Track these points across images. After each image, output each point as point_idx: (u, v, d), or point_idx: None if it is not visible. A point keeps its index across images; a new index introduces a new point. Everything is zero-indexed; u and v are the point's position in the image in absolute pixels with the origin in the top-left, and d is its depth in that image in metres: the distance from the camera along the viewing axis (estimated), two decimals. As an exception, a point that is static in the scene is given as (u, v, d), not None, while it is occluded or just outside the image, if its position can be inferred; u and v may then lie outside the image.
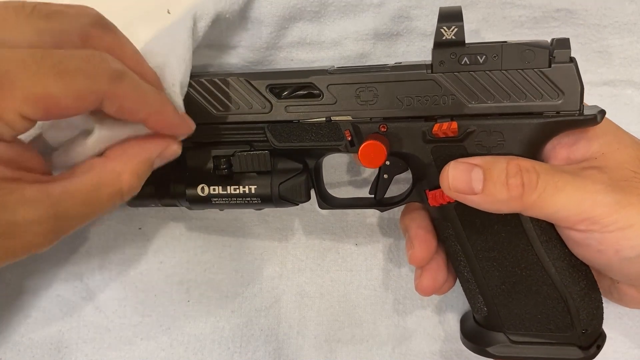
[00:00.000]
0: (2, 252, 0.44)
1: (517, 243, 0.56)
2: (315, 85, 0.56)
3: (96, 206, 0.47)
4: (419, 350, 0.71)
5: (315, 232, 0.72)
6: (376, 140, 0.54)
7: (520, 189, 0.51)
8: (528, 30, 0.66)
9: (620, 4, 0.65)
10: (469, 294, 0.61)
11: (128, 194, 0.49)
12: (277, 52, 0.67)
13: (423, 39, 0.67)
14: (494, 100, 0.53)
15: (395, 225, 0.71)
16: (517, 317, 0.58)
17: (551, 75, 0.52)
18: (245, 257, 0.72)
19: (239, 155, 0.59)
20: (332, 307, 0.72)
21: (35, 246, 0.45)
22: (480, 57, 0.52)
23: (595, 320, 0.57)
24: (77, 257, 0.72)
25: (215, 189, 0.60)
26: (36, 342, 0.72)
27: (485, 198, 0.52)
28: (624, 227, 0.49)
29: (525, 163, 0.52)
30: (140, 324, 0.72)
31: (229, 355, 0.72)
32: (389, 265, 0.71)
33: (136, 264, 0.72)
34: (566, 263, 0.56)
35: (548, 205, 0.51)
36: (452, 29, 0.52)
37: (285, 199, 0.60)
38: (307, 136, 0.58)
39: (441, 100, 0.54)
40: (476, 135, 0.54)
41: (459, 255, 0.59)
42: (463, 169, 0.53)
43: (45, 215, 0.43)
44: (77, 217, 0.46)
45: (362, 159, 0.55)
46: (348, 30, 0.66)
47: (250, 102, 0.58)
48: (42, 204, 0.43)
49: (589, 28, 0.66)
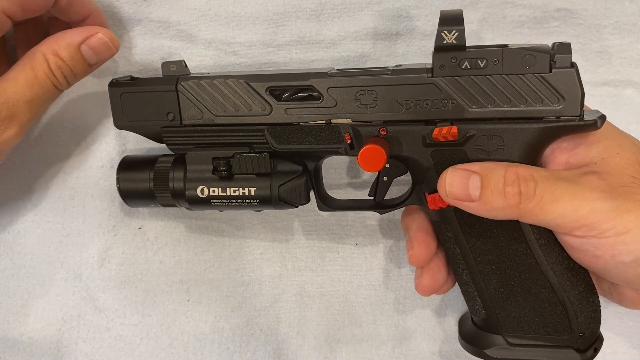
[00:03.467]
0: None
1: (515, 247, 0.56)
2: (315, 88, 0.56)
3: (36, 85, 0.56)
4: (419, 350, 0.71)
5: (315, 232, 0.72)
6: (376, 143, 0.54)
7: (518, 197, 0.51)
8: (528, 30, 0.66)
9: (620, 4, 0.65)
10: (467, 297, 0.61)
11: (59, 75, 0.57)
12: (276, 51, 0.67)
13: (423, 38, 0.67)
14: (495, 104, 0.53)
15: (395, 226, 0.71)
16: (515, 320, 0.58)
17: (552, 80, 0.52)
18: (245, 257, 0.72)
19: (238, 157, 0.59)
20: (332, 307, 0.72)
21: (6, 139, 0.56)
22: (481, 62, 0.52)
23: (593, 323, 0.57)
24: (77, 257, 0.72)
25: (214, 191, 0.60)
26: (36, 342, 0.72)
27: (482, 205, 0.52)
28: (621, 233, 0.49)
29: (523, 171, 0.52)
30: (140, 324, 0.73)
31: (229, 355, 0.72)
32: (389, 265, 0.71)
33: (136, 264, 0.72)
34: (564, 266, 0.56)
35: (545, 213, 0.51)
36: (453, 33, 0.51)
37: (284, 201, 0.60)
38: (306, 139, 0.58)
39: (441, 104, 0.54)
40: (476, 139, 0.54)
41: (457, 258, 0.59)
42: (461, 176, 0.53)
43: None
44: (26, 101, 0.56)
45: (362, 163, 0.55)
46: (347, 30, 0.66)
47: (250, 104, 0.58)
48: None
49: (589, 28, 0.66)
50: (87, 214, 0.72)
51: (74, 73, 0.58)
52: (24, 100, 0.56)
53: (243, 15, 0.66)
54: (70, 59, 0.57)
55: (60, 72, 0.57)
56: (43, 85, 0.57)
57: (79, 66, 0.58)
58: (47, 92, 0.57)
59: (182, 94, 0.58)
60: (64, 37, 0.58)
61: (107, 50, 0.59)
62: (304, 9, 0.66)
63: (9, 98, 0.55)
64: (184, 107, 0.59)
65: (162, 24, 0.67)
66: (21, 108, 0.56)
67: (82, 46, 0.58)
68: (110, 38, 0.59)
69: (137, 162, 0.64)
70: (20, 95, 0.56)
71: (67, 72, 0.58)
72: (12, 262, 0.73)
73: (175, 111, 0.59)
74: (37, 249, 0.73)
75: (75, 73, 0.58)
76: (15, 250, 0.73)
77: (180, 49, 0.68)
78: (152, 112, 0.59)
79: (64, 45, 0.57)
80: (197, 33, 0.67)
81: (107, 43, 0.59)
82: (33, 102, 0.57)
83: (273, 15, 0.66)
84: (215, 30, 0.67)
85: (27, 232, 0.72)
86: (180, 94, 0.58)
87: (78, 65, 0.58)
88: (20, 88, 0.56)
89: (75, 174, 0.72)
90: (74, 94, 0.70)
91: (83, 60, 0.58)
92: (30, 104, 0.57)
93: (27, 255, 0.73)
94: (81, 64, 0.58)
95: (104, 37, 0.58)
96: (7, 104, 0.55)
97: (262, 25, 0.66)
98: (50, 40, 0.58)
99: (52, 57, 0.56)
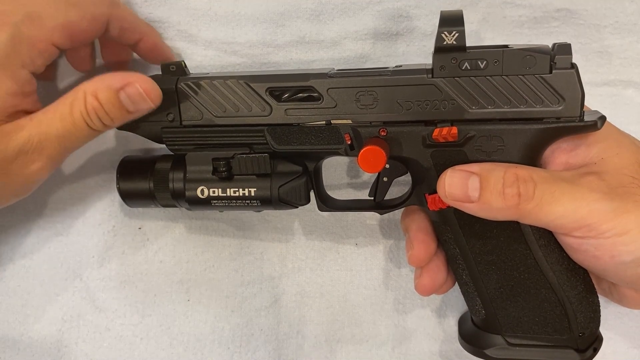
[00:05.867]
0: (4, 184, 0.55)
1: (515, 247, 0.56)
2: (315, 88, 0.56)
3: (69, 121, 0.55)
4: (419, 350, 0.71)
5: (315, 232, 0.72)
6: (376, 144, 0.54)
7: (517, 198, 0.51)
8: (528, 30, 0.66)
9: (620, 4, 0.65)
10: (467, 297, 0.61)
11: (93, 116, 0.55)
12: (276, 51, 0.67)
13: (423, 38, 0.67)
14: (495, 105, 0.53)
15: (395, 226, 0.71)
16: (515, 320, 0.58)
17: (552, 81, 0.52)
18: (245, 257, 0.73)
19: (238, 158, 0.59)
20: (332, 307, 0.72)
21: (32, 172, 0.56)
22: (481, 63, 0.52)
23: (593, 323, 0.58)
24: (77, 257, 0.72)
25: (214, 191, 0.60)
26: (36, 341, 0.73)
27: (481, 206, 0.52)
28: (620, 234, 0.49)
29: (522, 172, 0.52)
30: (140, 324, 0.73)
31: (229, 355, 0.72)
32: (389, 265, 0.71)
33: (136, 264, 0.73)
34: (564, 267, 0.56)
35: (544, 214, 0.51)
36: (453, 34, 0.51)
37: (284, 202, 0.60)
38: (306, 139, 0.58)
39: (441, 105, 0.54)
40: (476, 140, 0.54)
41: (457, 259, 0.59)
42: (460, 177, 0.53)
43: (28, 135, 0.54)
44: (58, 135, 0.55)
45: (362, 164, 0.55)
46: (347, 30, 0.66)
47: (250, 104, 0.58)
48: (27, 126, 0.54)
49: (589, 28, 0.66)
50: (87, 214, 0.72)
51: (110, 117, 0.56)
52: (55, 135, 0.55)
53: (243, 15, 0.66)
54: (107, 102, 0.55)
55: (95, 113, 0.55)
56: (76, 123, 0.55)
57: (116, 111, 0.56)
58: (80, 130, 0.56)
59: (181, 94, 0.58)
60: (106, 79, 0.56)
61: (143, 101, 0.57)
62: (304, 9, 0.66)
63: (41, 129, 0.54)
64: (183, 107, 0.59)
65: (162, 24, 0.67)
66: (51, 141, 0.55)
67: (120, 92, 0.56)
68: (147, 90, 0.56)
69: (137, 163, 0.64)
70: (52, 129, 0.55)
71: (102, 114, 0.56)
72: (12, 262, 0.73)
73: (175, 112, 0.59)
74: (37, 248, 0.73)
75: (111, 117, 0.56)
76: (15, 250, 0.73)
77: (180, 49, 0.68)
78: (152, 113, 0.59)
79: (103, 88, 0.56)
80: (197, 33, 0.67)
81: (142, 95, 0.56)
82: (64, 138, 0.55)
83: (273, 15, 0.66)
84: (215, 30, 0.67)
85: (27, 232, 0.73)
86: (180, 95, 0.58)
87: (114, 109, 0.56)
88: (54, 121, 0.55)
89: (75, 174, 0.72)
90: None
91: (120, 106, 0.56)
92: (61, 139, 0.55)
93: (27, 255, 0.73)
94: (118, 109, 0.56)
95: (140, 89, 0.56)
96: (39, 135, 0.54)
97: (262, 25, 0.66)
98: (95, 79, 0.57)
99: (90, 97, 0.55)
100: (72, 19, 0.56)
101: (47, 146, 0.55)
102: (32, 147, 0.54)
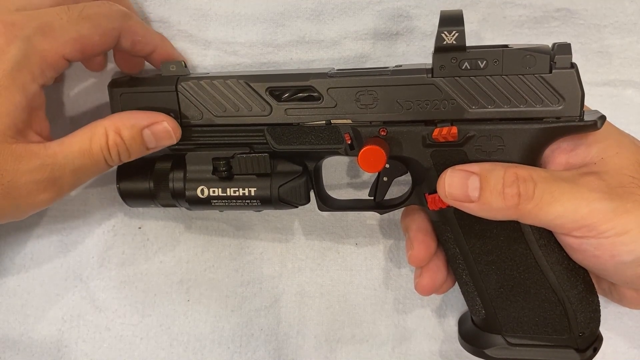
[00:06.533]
0: (7, 206, 0.53)
1: (515, 247, 0.56)
2: (315, 88, 0.56)
3: (88, 158, 0.55)
4: (419, 350, 0.71)
5: (315, 232, 0.72)
6: (376, 144, 0.54)
7: (517, 198, 0.51)
8: (528, 30, 0.66)
9: (620, 4, 0.65)
10: (467, 297, 0.61)
11: (113, 152, 0.56)
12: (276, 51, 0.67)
13: (423, 38, 0.66)
14: (495, 105, 0.53)
15: (395, 226, 0.71)
16: (515, 320, 0.59)
17: (552, 80, 0.52)
18: (245, 257, 0.72)
19: (238, 158, 0.59)
20: (332, 307, 0.72)
21: (39, 200, 0.54)
22: (481, 62, 0.52)
23: (593, 323, 0.58)
24: (77, 257, 0.72)
25: (214, 191, 0.60)
26: (36, 341, 0.73)
27: (481, 206, 0.52)
28: (620, 234, 0.50)
29: (522, 172, 0.52)
30: (140, 324, 0.73)
31: (229, 355, 0.72)
32: (389, 265, 0.71)
33: (136, 264, 0.73)
34: (564, 267, 0.56)
35: (544, 213, 0.51)
36: (453, 33, 0.51)
37: (284, 202, 0.60)
38: (306, 139, 0.58)
39: (441, 104, 0.54)
40: (476, 140, 0.54)
41: (457, 258, 0.59)
42: (460, 177, 0.53)
43: (41, 164, 0.53)
44: (73, 169, 0.55)
45: (362, 164, 0.55)
46: (347, 30, 0.66)
47: (250, 104, 0.58)
48: (40, 154, 0.53)
49: (589, 28, 0.65)
50: (87, 214, 0.72)
51: (129, 153, 0.57)
52: (71, 168, 0.55)
53: (243, 15, 0.66)
54: (130, 139, 0.56)
55: (117, 149, 0.56)
56: (95, 158, 0.55)
57: (136, 147, 0.57)
58: (95, 165, 0.56)
59: (181, 94, 0.58)
60: (130, 117, 0.57)
61: (168, 139, 0.58)
62: (304, 9, 0.66)
63: (57, 162, 0.54)
64: (183, 107, 0.59)
65: (162, 24, 0.67)
66: (66, 175, 0.54)
67: (144, 130, 0.57)
68: (174, 128, 0.58)
69: (137, 163, 0.64)
70: (69, 162, 0.54)
71: (123, 150, 0.57)
72: (12, 262, 0.73)
73: (175, 111, 0.59)
74: (37, 249, 0.73)
75: (130, 153, 0.57)
76: (16, 250, 0.73)
77: (180, 49, 0.68)
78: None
79: (127, 125, 0.56)
80: (197, 33, 0.67)
81: (170, 132, 0.58)
82: (79, 172, 0.55)
83: (273, 15, 0.66)
84: (215, 30, 0.67)
85: (27, 232, 0.73)
86: (180, 94, 0.58)
87: (135, 146, 0.57)
88: (72, 155, 0.54)
89: (75, 174, 0.72)
90: (73, 93, 0.70)
91: (142, 142, 0.57)
92: (75, 173, 0.55)
93: (27, 255, 0.73)
94: (139, 145, 0.57)
95: (168, 127, 0.58)
96: (54, 166, 0.53)
97: (262, 25, 0.66)
98: (115, 117, 0.57)
99: (112, 134, 0.55)
100: (84, 32, 0.55)
101: (60, 179, 0.54)
102: (44, 177, 0.53)
